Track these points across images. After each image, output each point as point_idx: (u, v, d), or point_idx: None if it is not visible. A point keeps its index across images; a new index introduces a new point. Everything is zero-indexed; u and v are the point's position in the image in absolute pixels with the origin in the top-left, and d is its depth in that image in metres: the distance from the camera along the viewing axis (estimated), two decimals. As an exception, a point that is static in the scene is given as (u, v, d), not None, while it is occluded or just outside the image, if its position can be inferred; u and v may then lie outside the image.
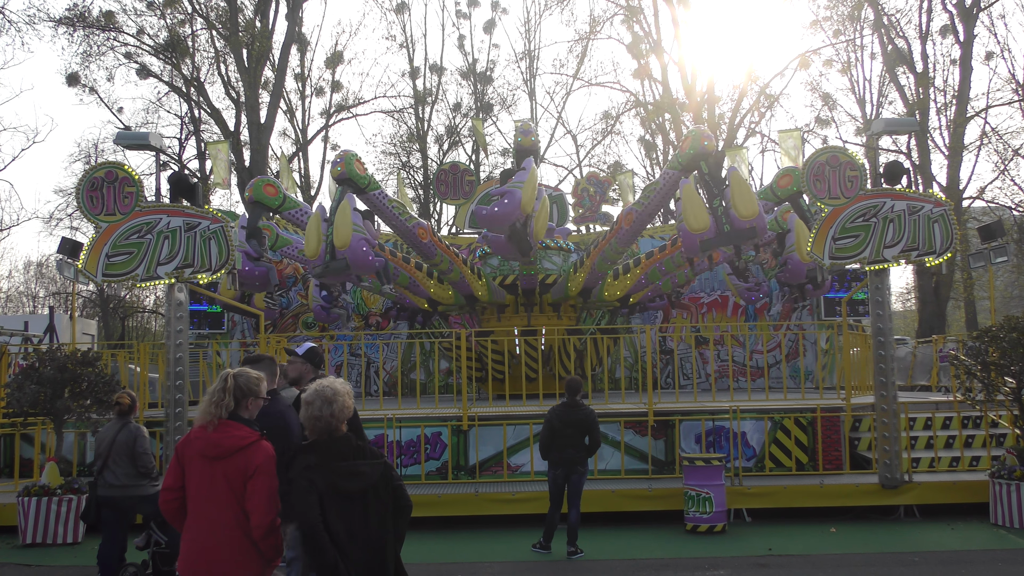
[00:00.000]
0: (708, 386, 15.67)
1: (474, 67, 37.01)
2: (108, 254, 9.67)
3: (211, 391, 4.10)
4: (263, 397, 4.27)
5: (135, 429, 7.32)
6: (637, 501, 10.02)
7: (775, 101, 32.29)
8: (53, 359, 10.11)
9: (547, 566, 8.24)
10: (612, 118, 36.50)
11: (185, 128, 33.12)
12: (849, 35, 32.04)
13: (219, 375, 4.18)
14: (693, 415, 11.19)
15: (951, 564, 7.99)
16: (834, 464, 10.93)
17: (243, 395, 4.14)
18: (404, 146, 36.45)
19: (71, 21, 28.42)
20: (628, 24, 32.65)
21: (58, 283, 40.17)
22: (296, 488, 3.82)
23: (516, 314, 14.34)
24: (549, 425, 8.56)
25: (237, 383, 4.13)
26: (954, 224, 10.15)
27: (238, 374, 4.17)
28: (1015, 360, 9.92)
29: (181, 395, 9.69)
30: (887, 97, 32.16)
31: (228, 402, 4.06)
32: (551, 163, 39.00)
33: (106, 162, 10.03)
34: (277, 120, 30.33)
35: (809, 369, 17.50)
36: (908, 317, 42.35)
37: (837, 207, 10.11)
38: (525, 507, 9.89)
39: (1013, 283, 35.82)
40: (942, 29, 29.24)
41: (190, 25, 29.90)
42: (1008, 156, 28.27)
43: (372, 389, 17.89)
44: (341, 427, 3.96)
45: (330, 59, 34.92)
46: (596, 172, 26.47)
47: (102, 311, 37.92)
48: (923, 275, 27.97)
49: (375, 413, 11.32)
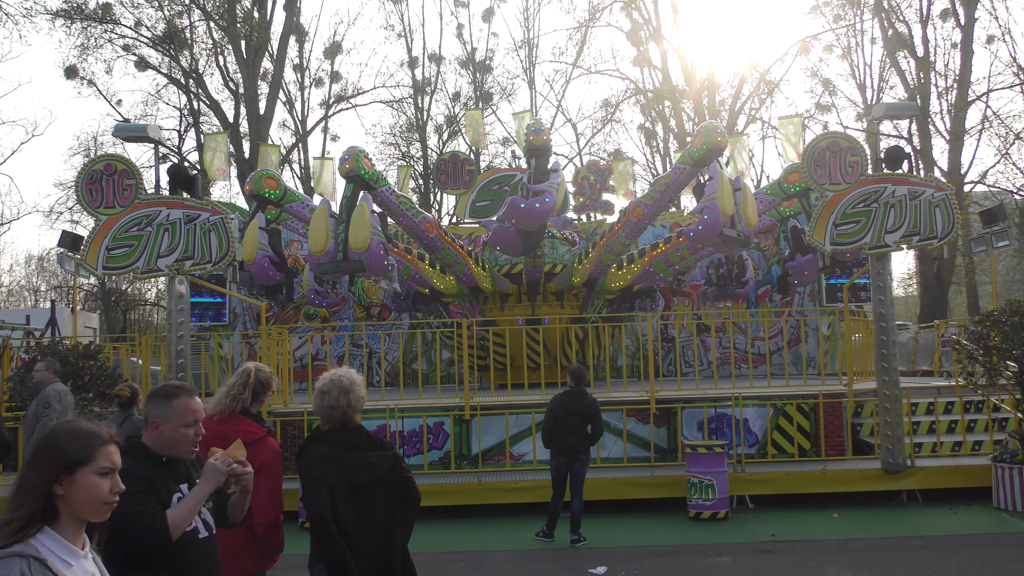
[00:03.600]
0: (710, 373, 15.67)
1: (473, 56, 36.88)
2: (108, 247, 9.66)
3: (231, 383, 4.12)
4: (273, 390, 4.33)
5: (138, 422, 7.32)
6: (640, 489, 10.05)
7: (775, 87, 32.15)
8: (55, 352, 10.12)
9: (551, 554, 8.26)
10: (612, 106, 36.37)
11: (184, 120, 33.03)
12: (849, 20, 31.87)
13: (240, 369, 4.20)
14: (695, 402, 11.20)
15: (953, 548, 8.01)
16: (836, 450, 10.94)
17: (263, 389, 4.19)
18: (404, 136, 36.36)
19: (68, 13, 28.30)
20: (627, 11, 32.46)
21: (59, 277, 40.18)
22: (306, 478, 3.80)
23: (519, 303, 14.35)
24: (552, 414, 8.57)
25: (258, 378, 4.16)
26: (955, 209, 10.12)
27: (259, 369, 4.20)
28: (1017, 344, 9.92)
29: (183, 387, 9.70)
30: (888, 82, 32.03)
31: (246, 396, 4.09)
32: (551, 152, 38.88)
33: (105, 155, 10.01)
34: (276, 111, 30.27)
35: (811, 355, 17.50)
36: (910, 302, 42.29)
37: (838, 193, 10.09)
38: (528, 496, 9.92)
39: (1015, 267, 35.78)
40: (943, 13, 29.07)
41: (188, 16, 29.77)
42: (1010, 140, 28.13)
43: (374, 380, 17.92)
44: (355, 417, 3.95)
45: (329, 49, 34.79)
46: (596, 160, 26.42)
47: (104, 304, 37.95)
48: (925, 260, 27.92)
49: (377, 403, 11.34)
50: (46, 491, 2.12)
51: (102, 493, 2.19)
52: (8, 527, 2.06)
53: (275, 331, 13.27)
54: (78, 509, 2.16)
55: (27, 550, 2.03)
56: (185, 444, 3.08)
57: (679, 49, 31.64)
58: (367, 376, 17.78)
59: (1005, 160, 28.58)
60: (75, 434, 2.23)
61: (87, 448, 2.20)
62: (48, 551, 2.07)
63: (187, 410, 3.06)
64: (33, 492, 2.12)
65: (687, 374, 17.94)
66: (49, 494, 2.13)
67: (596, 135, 38.20)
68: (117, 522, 2.65)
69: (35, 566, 2.01)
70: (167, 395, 3.08)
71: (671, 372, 17.73)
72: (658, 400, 11.15)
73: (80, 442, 2.20)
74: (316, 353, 17.95)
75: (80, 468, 2.17)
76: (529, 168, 12.78)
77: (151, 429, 3.06)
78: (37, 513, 2.10)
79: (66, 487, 2.15)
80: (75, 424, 2.26)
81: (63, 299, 35.87)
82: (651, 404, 11.10)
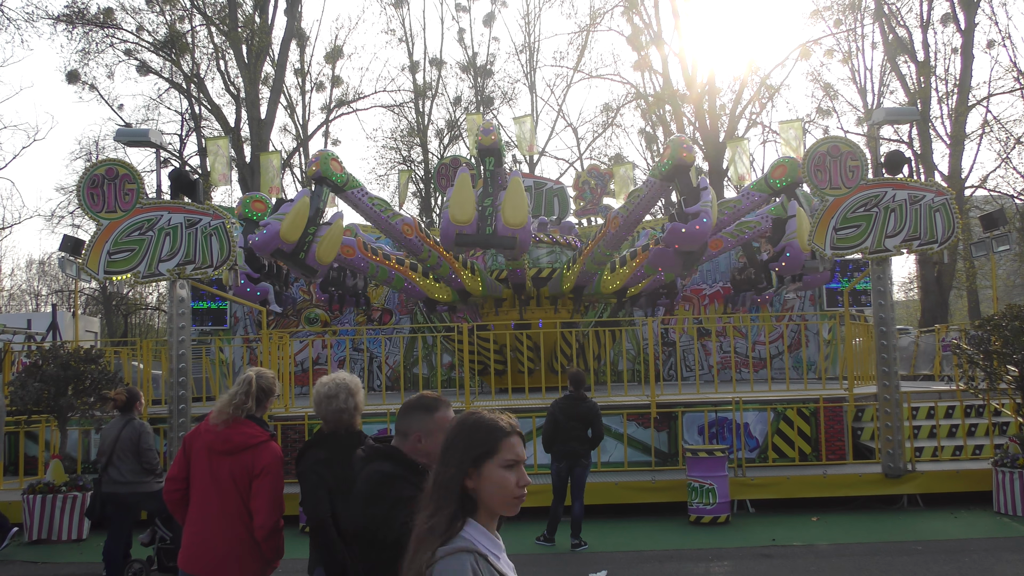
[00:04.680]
0: (711, 377, 15.67)
1: (474, 60, 36.95)
2: (110, 251, 9.66)
3: (233, 392, 4.10)
4: (277, 394, 4.32)
5: (139, 426, 7.33)
6: (640, 493, 10.04)
7: (776, 92, 32.14)
8: (56, 357, 10.13)
9: (551, 558, 8.26)
10: (612, 110, 36.42)
11: (185, 124, 33.10)
12: (850, 24, 31.93)
13: (241, 377, 4.18)
14: (696, 407, 11.20)
15: (954, 552, 8.00)
16: (837, 454, 10.94)
17: (265, 396, 4.17)
18: (405, 140, 36.41)
19: (70, 18, 28.37)
20: (628, 16, 32.49)
21: (60, 281, 40.22)
22: (306, 482, 3.81)
23: (513, 308, 14.35)
24: (552, 418, 8.57)
25: (260, 385, 4.14)
26: (956, 213, 10.12)
27: (259, 376, 4.18)
28: (1018, 348, 9.92)
29: (184, 391, 9.70)
30: (888, 86, 32.08)
31: (250, 405, 4.08)
32: (552, 156, 38.99)
33: (107, 159, 10.03)
34: (277, 115, 30.32)
35: (812, 359, 17.50)
36: (910, 306, 42.30)
37: (838, 197, 10.10)
38: (528, 500, 9.66)
39: (1015, 272, 35.77)
40: (943, 17, 29.11)
41: (189, 21, 29.86)
42: (1010, 145, 28.16)
43: (375, 384, 17.93)
44: (359, 421, 3.96)
45: (330, 54, 34.87)
46: (597, 165, 26.43)
47: (105, 308, 37.97)
48: (925, 264, 27.93)
49: (378, 408, 11.34)
50: (459, 485, 2.09)
51: (509, 486, 2.14)
52: (438, 525, 2.03)
53: (276, 335, 13.28)
54: (489, 503, 2.12)
55: (471, 545, 2.01)
56: None
57: (680, 53, 31.67)
58: (368, 380, 17.79)
59: (1005, 164, 28.64)
60: (477, 426, 2.18)
61: (490, 441, 2.15)
62: (481, 545, 2.04)
63: (448, 423, 3.04)
64: (449, 487, 2.09)
65: (688, 378, 17.94)
66: (463, 489, 2.09)
67: (597, 139, 38.32)
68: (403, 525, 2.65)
69: (480, 561, 1.99)
70: (428, 408, 3.00)
71: (672, 376, 17.74)
72: (659, 404, 11.15)
73: (483, 435, 2.16)
74: (317, 357, 17.97)
75: (486, 461, 2.12)
76: (486, 171, 12.04)
77: (412, 442, 2.98)
78: (458, 508, 2.07)
79: (475, 481, 2.11)
80: (477, 416, 2.22)
81: (64, 303, 35.89)
82: (652, 408, 11.10)
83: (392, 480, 2.87)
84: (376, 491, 2.87)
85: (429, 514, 2.08)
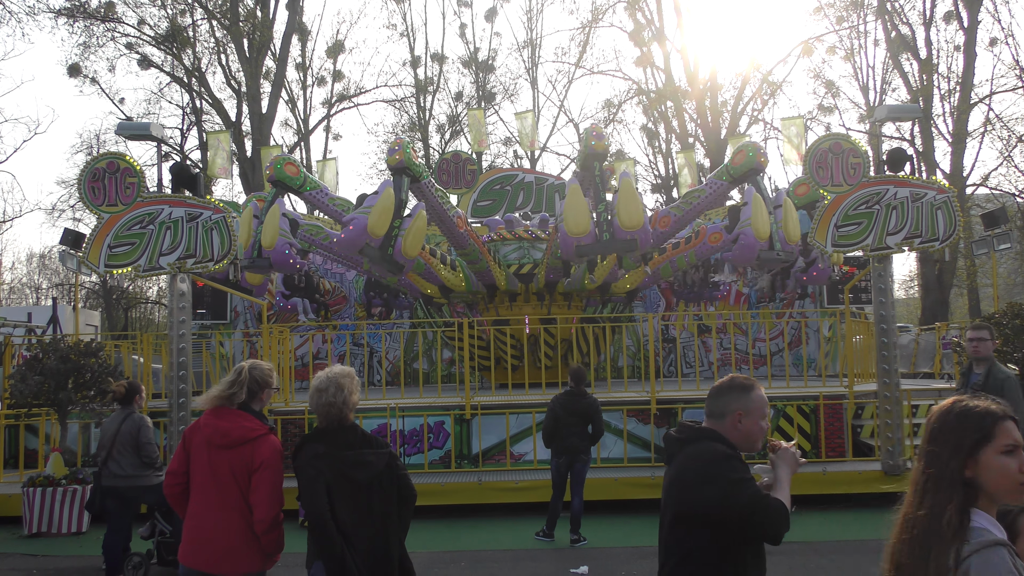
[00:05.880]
0: (711, 374, 15.67)
1: (476, 56, 36.89)
2: (110, 245, 9.65)
3: (225, 380, 4.12)
4: (275, 388, 4.31)
5: (139, 419, 7.34)
6: (640, 489, 10.05)
7: (778, 88, 32.16)
8: (56, 350, 10.13)
9: (550, 554, 8.27)
10: (614, 106, 36.40)
11: (187, 118, 33.09)
12: (852, 22, 31.89)
13: (235, 368, 4.19)
14: (696, 403, 11.18)
15: (953, 550, 8.00)
16: (837, 451, 10.94)
17: (259, 387, 4.16)
18: (406, 135, 36.38)
19: (71, 12, 28.35)
20: (630, 12, 32.46)
21: (61, 274, 40.22)
22: (303, 477, 3.81)
23: (527, 303, 14.32)
24: (553, 414, 8.57)
25: (252, 376, 4.13)
26: (957, 211, 10.11)
27: (253, 367, 4.18)
28: (1018, 347, 9.92)
29: (184, 385, 9.70)
30: (890, 84, 32.02)
31: (240, 394, 4.08)
32: (553, 152, 38.96)
33: (107, 153, 10.00)
34: (279, 110, 30.31)
35: (812, 357, 17.50)
36: (911, 304, 42.28)
37: (840, 194, 10.09)
38: (528, 495, 9.92)
39: (1016, 270, 35.73)
40: (946, 15, 29.06)
41: (190, 15, 29.82)
42: (1012, 143, 28.13)
43: (375, 379, 17.93)
44: (350, 415, 3.96)
45: (331, 48, 34.84)
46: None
47: (105, 302, 37.99)
48: (926, 262, 27.91)
49: (378, 402, 11.35)
50: (960, 475, 2.07)
51: (1012, 472, 2.07)
52: (949, 519, 2.00)
53: (276, 329, 13.28)
54: (993, 491, 2.08)
55: (1002, 538, 1.97)
56: (760, 437, 3.03)
57: (682, 50, 31.65)
58: (368, 375, 17.79)
59: (1007, 163, 28.59)
60: (967, 413, 2.13)
61: (984, 426, 2.10)
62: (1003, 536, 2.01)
63: (764, 403, 3.02)
64: (950, 478, 2.07)
65: (688, 375, 17.94)
66: (962, 478, 2.07)
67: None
68: (746, 504, 2.74)
69: (1012, 553, 1.96)
70: (745, 387, 3.00)
71: (672, 373, 17.73)
72: (659, 400, 11.16)
73: (975, 421, 2.11)
74: (317, 352, 17.96)
75: (983, 447, 2.08)
76: (596, 176, 11.38)
77: (731, 421, 3.00)
78: (964, 499, 2.04)
79: (972, 469, 2.08)
80: (964, 403, 2.17)
81: (65, 297, 35.89)
82: (652, 404, 11.10)
83: (729, 460, 2.90)
84: (711, 470, 2.88)
85: (929, 508, 2.05)
